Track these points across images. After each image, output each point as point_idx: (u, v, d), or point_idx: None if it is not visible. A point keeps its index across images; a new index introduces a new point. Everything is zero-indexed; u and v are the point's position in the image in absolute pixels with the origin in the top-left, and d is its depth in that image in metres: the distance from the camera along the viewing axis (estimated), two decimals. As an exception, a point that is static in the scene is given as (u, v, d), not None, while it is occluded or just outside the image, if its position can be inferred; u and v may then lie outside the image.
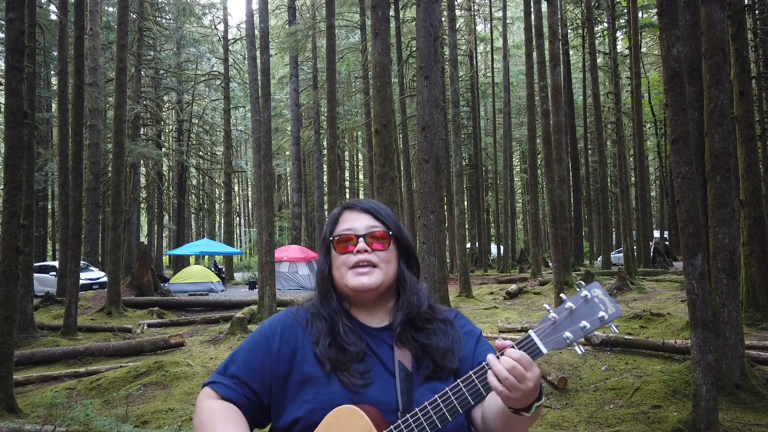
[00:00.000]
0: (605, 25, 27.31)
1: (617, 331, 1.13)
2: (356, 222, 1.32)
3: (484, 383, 1.10)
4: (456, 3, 25.50)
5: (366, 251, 1.27)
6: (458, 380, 1.13)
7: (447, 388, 1.13)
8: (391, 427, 1.14)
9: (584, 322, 1.11)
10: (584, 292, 1.13)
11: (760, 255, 8.42)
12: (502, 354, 1.08)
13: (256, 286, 18.36)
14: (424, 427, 1.12)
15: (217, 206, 44.87)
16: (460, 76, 25.98)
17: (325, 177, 25.83)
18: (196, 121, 34.34)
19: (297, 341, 1.28)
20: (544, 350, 1.11)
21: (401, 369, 1.23)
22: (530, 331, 1.13)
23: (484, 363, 1.11)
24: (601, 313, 1.11)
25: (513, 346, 1.10)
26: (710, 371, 4.50)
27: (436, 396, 1.13)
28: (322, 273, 1.34)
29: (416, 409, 1.14)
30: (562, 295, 1.18)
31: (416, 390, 1.21)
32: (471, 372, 1.12)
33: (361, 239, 1.28)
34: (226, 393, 1.25)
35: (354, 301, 1.31)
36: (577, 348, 1.13)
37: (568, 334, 1.11)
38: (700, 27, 5.70)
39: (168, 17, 30.53)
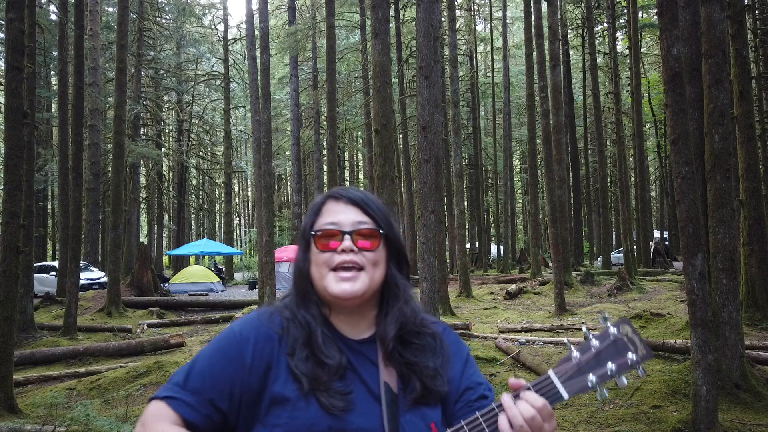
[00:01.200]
0: (605, 25, 27.32)
1: (644, 373, 1.01)
2: (341, 215, 1.13)
3: (492, 428, 0.97)
4: (456, 3, 25.50)
5: (352, 251, 1.09)
6: (462, 421, 0.99)
7: (449, 430, 1.00)
8: None
9: (611, 364, 0.99)
10: (612, 330, 1.01)
11: (760, 255, 8.42)
12: (517, 396, 0.96)
13: (256, 286, 18.37)
14: None
15: (217, 206, 44.87)
16: (460, 76, 25.99)
17: (325, 177, 25.82)
18: (196, 121, 34.34)
19: (272, 353, 1.08)
20: (565, 396, 0.98)
21: (386, 392, 1.07)
22: (550, 372, 1.00)
23: (494, 405, 0.99)
24: (630, 355, 0.99)
25: (529, 387, 0.98)
26: (710, 371, 4.50)
27: None
28: (301, 271, 1.15)
29: None
30: (584, 328, 1.08)
31: (402, 416, 1.06)
32: (478, 414, 0.99)
33: (346, 236, 1.10)
34: (187, 414, 1.03)
35: (333, 306, 1.13)
36: (599, 394, 1.00)
37: (592, 377, 0.99)
38: (700, 27, 5.70)
39: (168, 17, 30.53)
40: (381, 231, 1.13)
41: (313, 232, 1.13)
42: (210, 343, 1.14)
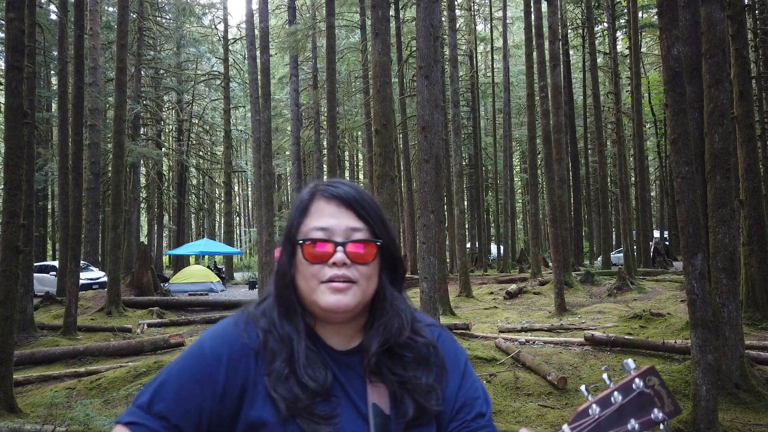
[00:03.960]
0: (605, 25, 27.32)
1: (669, 431, 0.90)
2: (333, 219, 1.00)
3: None
4: (456, 3, 25.51)
5: (344, 264, 0.97)
6: None
7: None
8: None
9: (633, 422, 0.88)
10: (638, 382, 0.90)
11: (760, 255, 8.42)
12: None
13: (256, 286, 18.38)
14: None
15: (217, 206, 44.87)
16: (460, 76, 25.99)
17: (325, 177, 25.83)
18: (196, 121, 34.35)
19: (248, 373, 0.97)
20: None
21: (376, 415, 0.97)
22: (564, 427, 0.90)
23: None
24: (656, 411, 0.88)
25: None
26: (710, 371, 4.50)
27: None
28: (284, 278, 1.02)
29: None
30: (605, 376, 0.98)
31: None
32: None
33: (339, 249, 0.97)
34: None
35: (321, 318, 1.02)
36: None
37: None
38: (700, 27, 5.70)
39: (168, 17, 30.54)
40: (378, 243, 1.01)
41: (300, 241, 0.99)
42: (178, 360, 1.01)
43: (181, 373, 0.98)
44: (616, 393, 0.90)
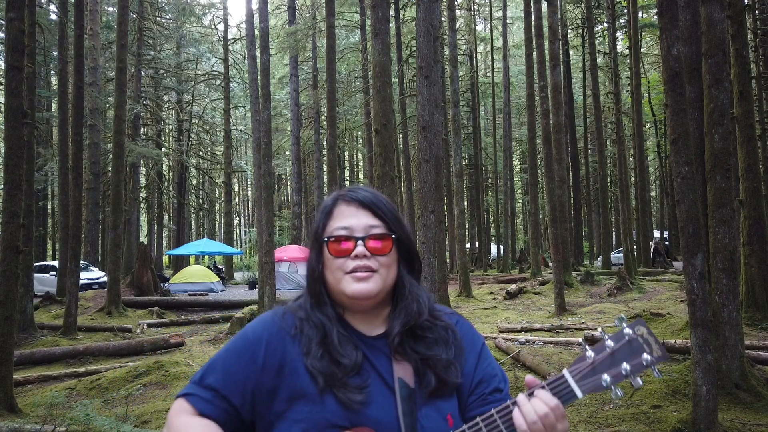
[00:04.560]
0: (605, 25, 27.32)
1: (659, 375, 1.04)
2: (353, 219, 1.15)
3: (507, 425, 1.00)
4: (456, 3, 25.50)
5: (365, 256, 1.12)
6: (477, 417, 1.02)
7: (465, 426, 1.02)
8: None
9: (626, 365, 1.01)
10: (627, 330, 1.03)
11: (760, 255, 8.42)
12: (532, 394, 0.99)
13: (256, 285, 18.37)
14: None
15: (217, 206, 44.86)
16: (460, 76, 25.99)
17: (325, 177, 25.82)
18: (196, 121, 34.34)
19: (285, 352, 1.12)
20: (579, 394, 1.01)
21: (402, 386, 1.10)
22: (564, 371, 1.03)
23: (509, 402, 1.01)
24: (645, 356, 1.01)
25: (544, 386, 1.01)
26: (710, 371, 4.50)
27: None
28: (314, 273, 1.18)
29: None
30: (600, 330, 1.11)
31: (419, 410, 1.09)
32: (493, 410, 1.02)
33: (359, 243, 1.13)
34: (203, 408, 1.10)
35: (349, 306, 1.17)
36: (616, 391, 1.02)
37: (606, 377, 1.01)
38: (700, 27, 5.70)
39: (168, 17, 30.53)
40: (393, 236, 1.16)
41: (326, 238, 1.16)
42: (227, 344, 1.19)
43: (228, 352, 1.15)
44: (609, 341, 1.03)
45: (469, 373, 1.16)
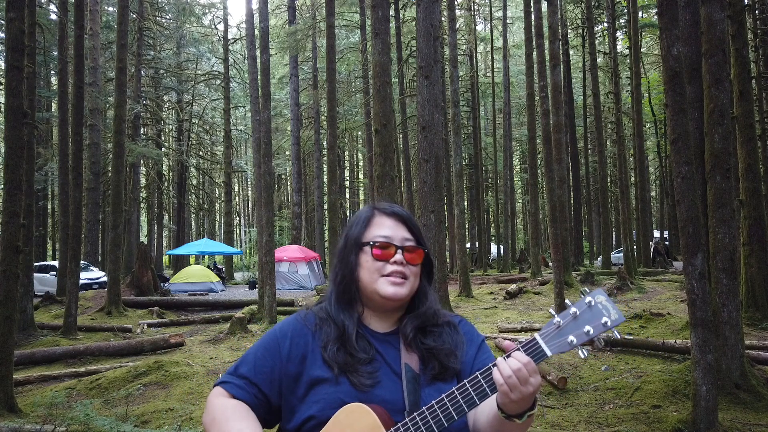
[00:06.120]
0: (605, 25, 27.32)
1: (619, 336, 1.18)
2: (393, 231, 1.33)
3: (489, 383, 1.15)
4: (456, 3, 25.49)
5: (402, 263, 1.30)
6: (464, 380, 1.17)
7: (454, 388, 1.17)
8: (399, 425, 1.18)
9: (588, 327, 1.15)
10: (588, 298, 1.17)
11: (760, 255, 8.42)
12: (509, 356, 1.13)
13: (256, 285, 18.36)
14: (431, 425, 1.16)
15: (217, 206, 44.86)
16: (460, 76, 25.99)
17: (325, 177, 25.84)
18: (196, 121, 34.33)
19: (307, 345, 1.30)
20: (548, 353, 1.14)
21: (408, 371, 1.26)
22: (536, 334, 1.17)
23: (490, 365, 1.16)
24: (605, 319, 1.15)
25: (519, 349, 1.14)
26: (710, 371, 4.50)
27: (443, 395, 1.17)
28: (351, 274, 1.33)
29: (423, 408, 1.18)
30: (567, 301, 1.22)
31: (423, 390, 1.25)
32: (477, 372, 1.17)
33: (399, 251, 1.31)
34: (237, 392, 1.28)
35: (372, 305, 1.34)
36: (580, 352, 1.17)
37: (572, 338, 1.15)
38: (700, 27, 5.70)
39: (168, 17, 30.52)
40: (425, 250, 1.35)
41: (371, 243, 1.32)
42: (258, 340, 1.38)
43: (259, 347, 1.34)
44: (573, 308, 1.17)
45: (468, 362, 1.33)
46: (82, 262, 14.94)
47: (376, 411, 1.18)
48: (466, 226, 30.82)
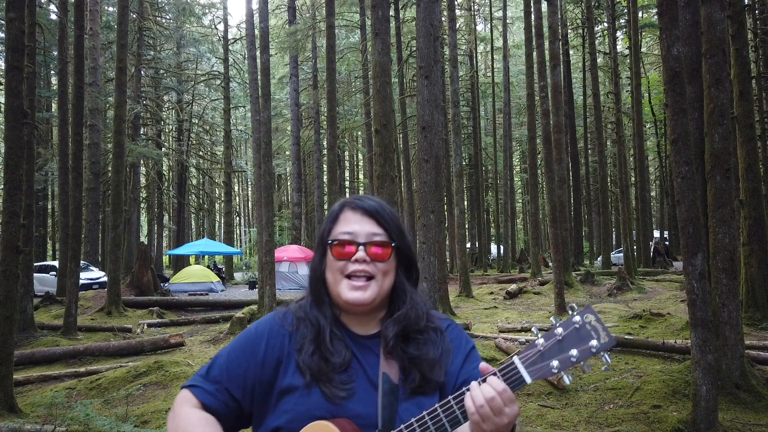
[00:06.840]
0: (605, 25, 27.32)
1: (609, 360, 1.06)
2: (357, 226, 1.22)
3: (462, 409, 1.05)
4: (456, 3, 25.49)
5: (365, 261, 1.19)
6: (437, 404, 1.08)
7: (425, 412, 1.08)
8: None
9: (574, 351, 1.04)
10: (576, 318, 1.06)
11: (760, 255, 8.42)
12: (484, 380, 1.04)
13: (256, 285, 18.36)
14: None
15: (217, 206, 44.85)
16: (460, 76, 25.98)
17: (325, 177, 25.83)
18: (196, 121, 34.33)
19: (283, 349, 1.21)
20: (528, 380, 1.05)
21: (385, 381, 1.17)
22: (515, 357, 1.06)
23: (465, 389, 1.06)
24: (593, 342, 1.04)
25: (495, 373, 1.05)
26: (710, 371, 4.50)
27: (413, 420, 1.08)
28: (315, 273, 1.26)
29: (397, 429, 1.10)
30: (552, 319, 1.12)
31: (400, 405, 1.16)
32: (450, 397, 1.07)
33: (360, 248, 1.20)
34: (206, 400, 1.19)
35: (344, 310, 1.24)
36: (565, 377, 1.06)
37: (555, 363, 1.04)
38: (700, 27, 5.70)
39: (168, 17, 30.52)
40: (393, 244, 1.23)
41: (330, 241, 1.23)
42: (233, 340, 1.28)
43: (233, 348, 1.24)
44: (558, 328, 1.06)
45: (454, 372, 1.22)
46: (82, 262, 14.94)
47: (342, 428, 1.10)
48: (466, 226, 30.82)
